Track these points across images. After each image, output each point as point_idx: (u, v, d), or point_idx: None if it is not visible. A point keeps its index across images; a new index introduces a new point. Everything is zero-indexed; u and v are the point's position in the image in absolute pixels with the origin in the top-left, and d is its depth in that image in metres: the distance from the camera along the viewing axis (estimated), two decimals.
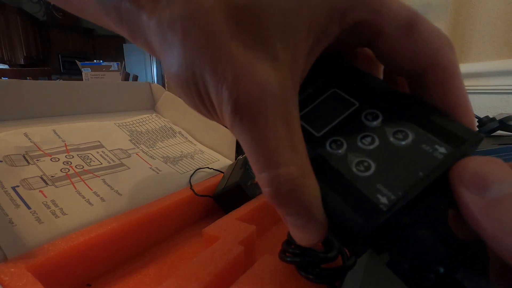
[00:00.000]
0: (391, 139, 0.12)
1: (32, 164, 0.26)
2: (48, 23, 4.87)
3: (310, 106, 0.14)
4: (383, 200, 0.11)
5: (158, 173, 0.31)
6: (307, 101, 0.15)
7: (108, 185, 0.27)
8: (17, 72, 2.07)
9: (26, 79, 1.08)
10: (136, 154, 0.33)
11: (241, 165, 0.30)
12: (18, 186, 0.23)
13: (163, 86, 1.10)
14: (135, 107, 0.43)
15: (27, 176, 0.24)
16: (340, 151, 0.13)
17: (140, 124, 0.39)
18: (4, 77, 1.84)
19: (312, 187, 0.11)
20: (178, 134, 0.41)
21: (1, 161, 0.24)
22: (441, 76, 0.13)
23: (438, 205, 0.12)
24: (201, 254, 0.18)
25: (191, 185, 0.30)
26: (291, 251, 0.16)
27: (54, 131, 0.30)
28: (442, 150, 0.11)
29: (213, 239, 0.21)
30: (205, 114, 0.13)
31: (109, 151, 0.31)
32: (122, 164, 0.30)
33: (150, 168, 0.31)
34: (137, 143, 0.35)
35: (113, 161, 0.30)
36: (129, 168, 0.30)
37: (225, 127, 0.13)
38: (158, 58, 0.12)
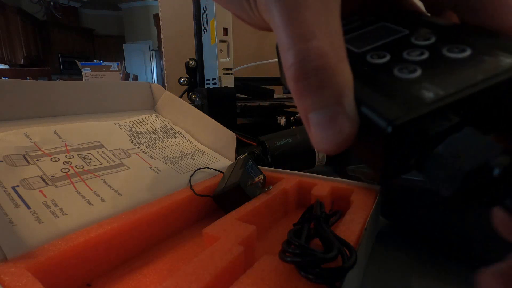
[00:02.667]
0: (445, 52, 0.11)
1: (32, 164, 0.26)
2: (48, 23, 4.88)
3: (355, 33, 0.13)
4: (428, 94, 0.09)
5: (158, 173, 0.31)
6: (352, 30, 0.14)
7: (108, 185, 0.27)
8: (17, 72, 2.07)
9: (26, 79, 1.08)
10: (136, 154, 0.33)
11: (241, 165, 0.30)
12: (18, 186, 0.23)
13: (163, 86, 1.10)
14: (135, 107, 0.43)
15: (27, 176, 0.24)
16: (381, 61, 0.11)
17: (140, 124, 0.39)
18: (4, 77, 1.84)
19: (344, 72, 0.10)
20: (178, 134, 0.41)
21: (1, 161, 0.24)
22: None
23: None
24: (201, 254, 0.18)
25: (191, 185, 0.30)
26: (291, 251, 0.16)
27: (54, 131, 0.30)
28: (509, 60, 0.10)
29: (213, 239, 0.21)
30: (245, 7, 0.12)
31: (109, 151, 0.31)
32: (122, 164, 0.30)
33: (150, 168, 0.31)
34: (137, 143, 0.35)
35: (113, 161, 0.30)
36: (129, 168, 0.30)
37: (260, 26, 0.12)
38: None
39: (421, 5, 0.15)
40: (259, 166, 0.33)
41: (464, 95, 0.09)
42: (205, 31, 0.70)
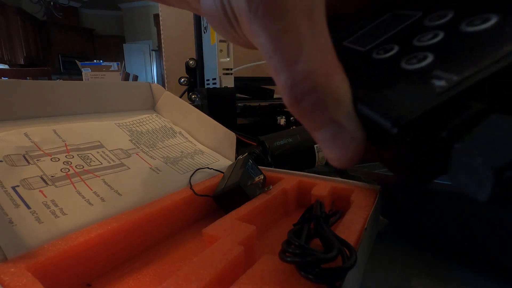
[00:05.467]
0: (463, 26, 0.09)
1: (32, 164, 0.26)
2: (48, 23, 4.88)
3: (363, 30, 0.12)
4: (440, 83, 0.08)
5: (158, 173, 0.31)
6: (360, 27, 0.13)
7: (108, 185, 0.27)
8: (17, 72, 2.07)
9: (26, 79, 1.08)
10: (136, 154, 0.33)
11: (241, 165, 0.30)
12: (18, 186, 0.23)
13: (163, 86, 1.10)
14: (135, 107, 0.43)
15: (27, 176, 0.24)
16: (387, 55, 0.10)
17: (141, 124, 0.39)
18: (4, 77, 1.84)
19: (339, 87, 0.09)
20: (178, 134, 0.41)
21: (1, 161, 0.24)
22: None
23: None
24: (201, 254, 0.18)
25: (191, 185, 0.30)
26: (291, 251, 0.16)
27: (54, 131, 0.30)
28: None
29: (213, 239, 0.21)
30: (230, 32, 0.12)
31: (109, 151, 0.31)
32: (122, 164, 0.30)
33: (150, 168, 0.31)
34: (137, 143, 0.35)
35: (113, 161, 0.30)
36: (129, 168, 0.30)
37: (249, 47, 0.12)
38: None
39: None
40: (259, 166, 0.33)
41: (484, 76, 0.08)
42: (205, 31, 0.70)
